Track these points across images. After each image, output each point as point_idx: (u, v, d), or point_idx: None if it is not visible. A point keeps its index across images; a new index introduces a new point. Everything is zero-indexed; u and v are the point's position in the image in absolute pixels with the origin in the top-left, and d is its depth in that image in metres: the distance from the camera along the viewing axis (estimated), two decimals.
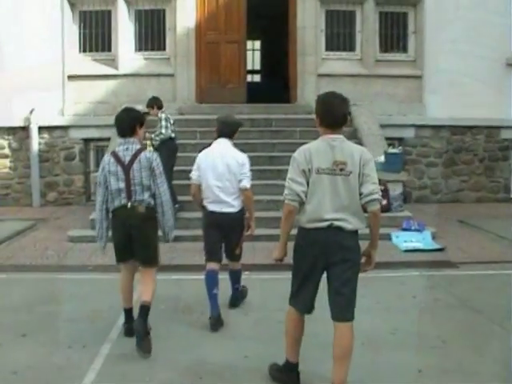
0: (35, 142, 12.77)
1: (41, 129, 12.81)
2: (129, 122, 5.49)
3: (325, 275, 4.42)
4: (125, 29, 13.07)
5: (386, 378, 4.86)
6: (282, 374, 4.61)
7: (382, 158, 11.02)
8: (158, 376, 4.92)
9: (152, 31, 13.26)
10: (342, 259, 4.24)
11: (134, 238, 5.36)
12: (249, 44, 15.78)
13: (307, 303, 4.44)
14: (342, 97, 4.42)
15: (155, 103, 10.30)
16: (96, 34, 13.18)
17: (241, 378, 4.87)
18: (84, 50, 13.18)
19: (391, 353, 5.34)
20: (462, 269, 8.24)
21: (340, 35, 13.47)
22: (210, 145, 6.49)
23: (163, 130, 9.95)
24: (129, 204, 5.32)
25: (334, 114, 4.33)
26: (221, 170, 6.12)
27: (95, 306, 6.57)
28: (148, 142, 9.62)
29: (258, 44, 22.26)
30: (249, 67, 16.01)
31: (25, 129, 12.82)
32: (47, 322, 6.12)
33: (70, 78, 12.90)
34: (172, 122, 10.14)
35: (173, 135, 10.08)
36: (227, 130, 6.32)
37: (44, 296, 6.94)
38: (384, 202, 10.44)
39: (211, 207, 6.14)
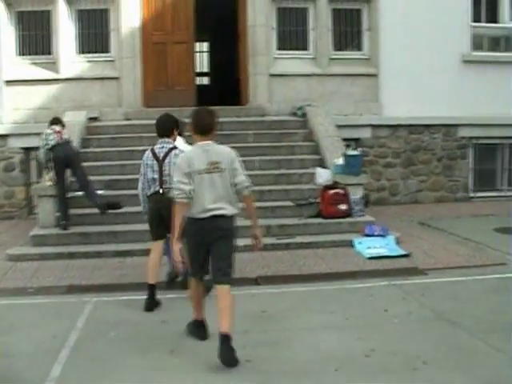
0: None
1: None
2: (168, 126, 6.98)
3: None
4: (66, 30, 12.36)
5: None
6: (194, 329, 5.73)
7: (340, 161, 10.57)
8: None
9: (95, 32, 12.61)
10: (221, 237, 5.32)
11: (165, 218, 6.42)
12: (196, 46, 15.16)
13: (204, 272, 5.57)
14: (209, 110, 5.62)
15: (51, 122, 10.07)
16: (35, 36, 12.44)
17: None
18: (22, 53, 12.43)
19: (370, 379, 4.81)
20: (430, 276, 7.87)
21: (292, 33, 13.02)
22: None
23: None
24: (161, 190, 6.77)
25: (202, 124, 5.45)
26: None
27: (35, 336, 5.88)
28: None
29: (205, 46, 21.68)
30: (197, 69, 15.37)
31: None
32: None
33: (8, 83, 12.16)
34: (45, 136, 9.72)
35: (48, 146, 9.68)
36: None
37: None
38: (344, 206, 10.10)
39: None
